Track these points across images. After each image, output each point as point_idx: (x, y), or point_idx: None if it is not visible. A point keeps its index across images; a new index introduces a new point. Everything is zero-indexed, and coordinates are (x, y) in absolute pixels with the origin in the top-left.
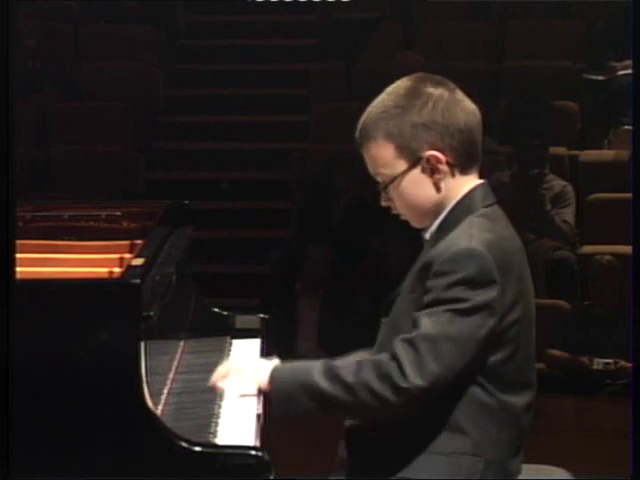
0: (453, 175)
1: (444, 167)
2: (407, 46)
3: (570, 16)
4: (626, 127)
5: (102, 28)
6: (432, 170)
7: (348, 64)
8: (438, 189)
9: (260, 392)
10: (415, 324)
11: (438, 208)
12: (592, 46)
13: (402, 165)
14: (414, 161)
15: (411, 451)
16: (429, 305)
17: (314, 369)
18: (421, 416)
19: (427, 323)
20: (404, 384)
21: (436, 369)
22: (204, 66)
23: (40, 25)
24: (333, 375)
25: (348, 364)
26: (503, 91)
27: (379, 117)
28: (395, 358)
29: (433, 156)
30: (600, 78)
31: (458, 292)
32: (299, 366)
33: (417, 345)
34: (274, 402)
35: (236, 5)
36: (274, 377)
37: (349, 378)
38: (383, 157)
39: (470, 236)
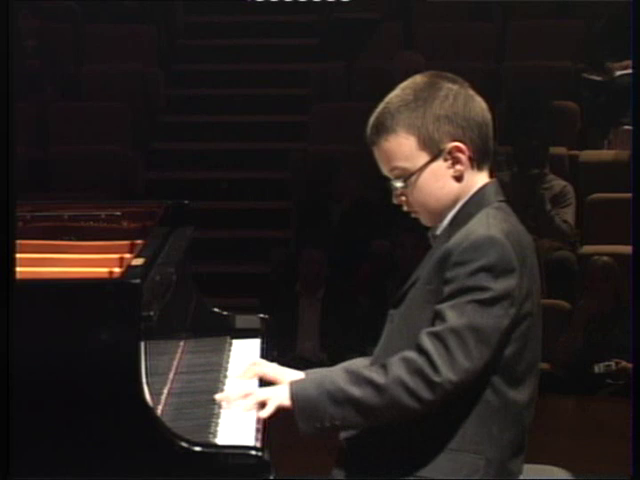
0: (472, 168)
1: (465, 159)
2: (407, 46)
3: (570, 16)
4: (626, 127)
5: (102, 28)
6: (453, 162)
7: (348, 64)
8: (458, 181)
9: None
10: (440, 317)
11: (454, 203)
12: (592, 46)
13: (423, 158)
14: (436, 153)
15: (411, 447)
16: (452, 296)
17: (336, 377)
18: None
19: (452, 315)
20: (437, 378)
21: (467, 363)
22: (204, 66)
23: (40, 25)
24: (360, 379)
25: (371, 367)
26: (503, 91)
27: (400, 110)
28: (423, 352)
29: (456, 147)
30: (600, 78)
31: (480, 280)
32: (320, 376)
33: (445, 339)
34: (300, 417)
35: (236, 5)
36: (296, 391)
37: (380, 379)
38: (403, 150)
39: (488, 225)
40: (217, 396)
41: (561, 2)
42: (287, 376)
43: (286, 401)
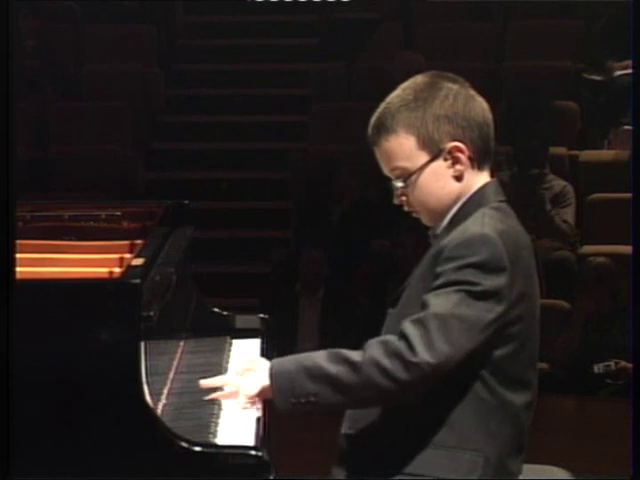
0: (472, 168)
1: (465, 159)
2: (407, 46)
3: (570, 16)
4: (626, 127)
5: (102, 28)
6: (453, 162)
7: (348, 64)
8: (458, 181)
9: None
10: (424, 304)
11: (454, 203)
12: (592, 46)
13: (423, 157)
14: (436, 153)
15: (409, 446)
16: (439, 287)
17: (317, 354)
18: (420, 410)
19: (436, 302)
20: (413, 359)
21: (445, 347)
22: (204, 66)
23: (40, 25)
24: (338, 357)
25: (352, 350)
26: (503, 91)
27: (400, 110)
28: (403, 336)
29: (456, 147)
30: (600, 78)
31: (468, 275)
32: (300, 355)
33: (426, 323)
34: (276, 392)
35: (236, 5)
36: (275, 367)
37: (356, 358)
38: (404, 150)
39: (482, 224)
40: (202, 381)
41: (561, 2)
42: None
43: (265, 378)
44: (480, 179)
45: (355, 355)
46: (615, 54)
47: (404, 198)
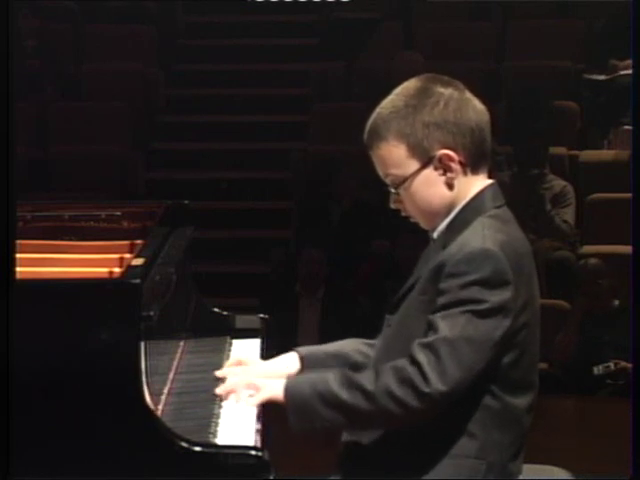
0: (465, 174)
1: (456, 166)
2: (407, 46)
3: (570, 16)
4: (626, 127)
5: (102, 28)
6: (444, 169)
7: (348, 64)
8: (450, 188)
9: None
10: (432, 327)
11: (449, 208)
12: (592, 46)
13: (414, 165)
14: (426, 161)
15: (411, 452)
16: (445, 307)
17: (331, 379)
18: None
19: (445, 326)
20: (426, 389)
21: (457, 373)
22: (204, 66)
23: (40, 25)
24: (351, 383)
25: (365, 372)
26: (503, 91)
27: (390, 117)
28: (415, 363)
29: (446, 155)
30: (600, 78)
31: (474, 293)
32: (315, 377)
33: (437, 349)
34: (290, 415)
35: (236, 5)
36: (289, 388)
37: (369, 386)
38: (394, 157)
39: (483, 237)
40: (219, 390)
41: (561, 2)
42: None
43: (279, 396)
44: (476, 183)
45: (367, 382)
46: (615, 54)
47: (400, 203)
